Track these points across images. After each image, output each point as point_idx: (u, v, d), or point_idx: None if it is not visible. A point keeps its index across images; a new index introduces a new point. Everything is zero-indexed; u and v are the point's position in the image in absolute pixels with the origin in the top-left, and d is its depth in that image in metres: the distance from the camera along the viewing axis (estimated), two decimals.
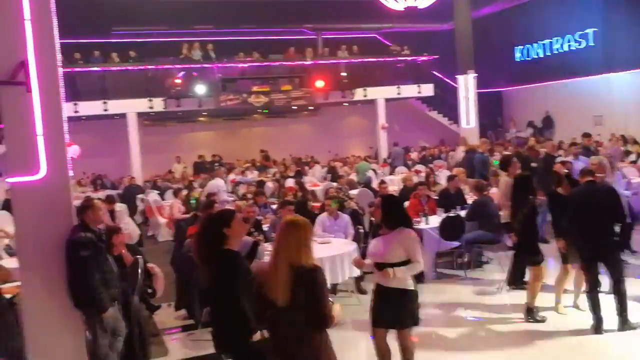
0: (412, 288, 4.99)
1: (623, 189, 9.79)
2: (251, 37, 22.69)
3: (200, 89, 19.73)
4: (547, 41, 23.52)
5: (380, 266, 4.94)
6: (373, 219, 7.15)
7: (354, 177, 15.35)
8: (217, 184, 13.75)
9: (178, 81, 19.84)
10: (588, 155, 11.51)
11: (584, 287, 6.66)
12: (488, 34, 23.30)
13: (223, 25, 22.42)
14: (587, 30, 21.74)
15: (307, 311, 3.61)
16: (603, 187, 6.57)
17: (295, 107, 21.85)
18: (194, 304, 7.23)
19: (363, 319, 5.73)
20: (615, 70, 20.34)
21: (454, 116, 22.25)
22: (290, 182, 14.64)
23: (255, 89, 20.04)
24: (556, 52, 23.20)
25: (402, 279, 4.91)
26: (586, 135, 13.74)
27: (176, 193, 13.32)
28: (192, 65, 20.13)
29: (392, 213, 5.04)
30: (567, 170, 8.81)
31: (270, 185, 14.59)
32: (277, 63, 21.86)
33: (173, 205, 12.70)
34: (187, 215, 10.77)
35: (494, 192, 9.88)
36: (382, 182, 11.84)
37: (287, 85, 20.54)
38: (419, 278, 8.64)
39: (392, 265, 4.86)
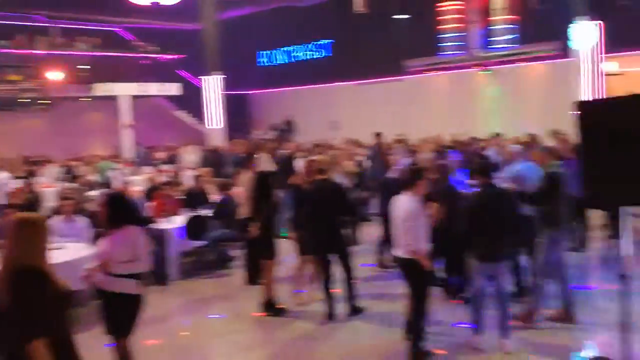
0: (136, 292, 4.80)
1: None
2: None
3: None
4: (289, 48, 24.88)
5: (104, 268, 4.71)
6: None
7: (94, 177, 14.39)
8: None
9: None
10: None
11: (319, 278, 7.09)
12: (235, 36, 23.79)
13: None
14: (324, 41, 23.52)
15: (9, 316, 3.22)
16: (332, 184, 7.08)
17: (27, 100, 19.74)
18: None
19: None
20: (348, 79, 22.38)
21: (201, 117, 22.28)
22: (17, 184, 13.10)
23: None
24: (297, 59, 24.67)
25: (124, 283, 4.72)
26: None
27: None
28: None
29: (116, 211, 4.89)
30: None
31: None
32: (4, 50, 19.53)
33: None
34: None
35: (238, 190, 10.04)
36: (127, 182, 11.30)
37: (14, 75, 18.44)
38: (162, 279, 8.46)
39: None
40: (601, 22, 14.80)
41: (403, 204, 5.45)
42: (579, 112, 4.12)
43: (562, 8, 15.86)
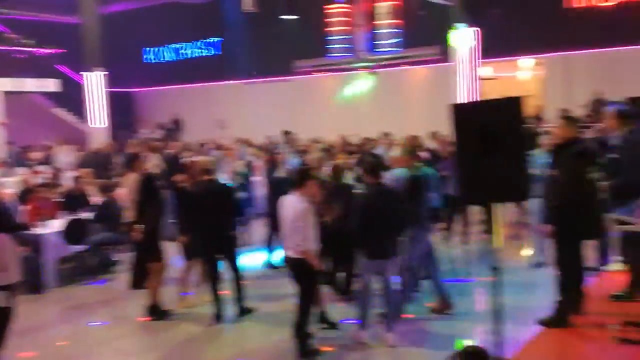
0: (4, 305, 4.51)
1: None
2: None
3: None
4: (176, 45, 24.30)
5: None
6: None
7: None
8: None
9: None
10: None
11: (206, 280, 6.98)
12: (118, 32, 22.86)
13: None
14: (213, 39, 23.19)
15: None
16: (218, 185, 6.99)
17: None
18: None
19: None
20: (237, 78, 22.22)
21: (83, 115, 21.20)
22: None
23: None
24: (185, 56, 24.15)
25: None
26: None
27: None
28: None
29: None
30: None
31: None
32: None
33: None
34: None
35: (121, 192, 9.67)
36: None
37: None
38: (37, 287, 7.98)
39: None
40: (477, 28, 15.69)
41: (292, 203, 5.48)
42: (453, 115, 4.33)
43: (442, 14, 16.65)
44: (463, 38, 15.58)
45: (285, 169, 8.79)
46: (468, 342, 5.80)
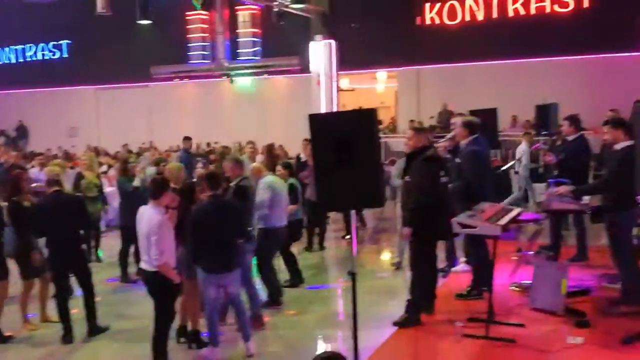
0: None
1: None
2: None
3: None
4: (19, 47, 22.59)
5: None
6: None
7: None
8: None
9: None
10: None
11: (55, 298, 6.48)
12: None
13: None
14: (61, 42, 21.84)
15: None
16: (70, 197, 6.56)
17: None
18: None
19: None
20: (88, 83, 21.12)
21: None
22: None
23: None
24: (30, 59, 22.52)
25: None
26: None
27: None
28: None
29: None
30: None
31: None
32: None
33: None
34: None
35: None
36: None
37: None
38: None
39: None
40: (335, 41, 16.20)
41: (148, 215, 5.25)
42: (310, 125, 4.40)
43: (302, 26, 16.99)
44: (321, 50, 16.01)
45: (140, 178, 8.45)
46: (325, 348, 5.91)
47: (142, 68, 20.64)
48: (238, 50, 20.90)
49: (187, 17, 21.26)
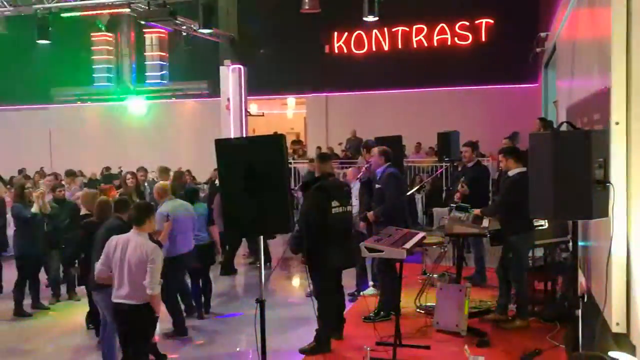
0: None
1: None
2: None
3: None
4: None
5: None
6: None
7: None
8: None
9: None
10: None
11: None
12: None
13: None
14: None
15: None
16: None
17: None
18: None
19: None
20: None
21: None
22: None
23: None
24: None
25: None
26: None
27: None
28: None
29: None
30: None
31: None
32: None
33: None
34: None
35: None
36: None
37: None
38: None
39: None
40: (244, 67, 16.21)
41: (136, 243, 4.85)
42: (217, 150, 4.35)
43: (211, 50, 16.88)
44: (230, 75, 15.98)
45: (39, 204, 7.98)
46: None
47: (43, 90, 19.80)
48: (146, 74, 20.47)
49: (92, 38, 20.63)
